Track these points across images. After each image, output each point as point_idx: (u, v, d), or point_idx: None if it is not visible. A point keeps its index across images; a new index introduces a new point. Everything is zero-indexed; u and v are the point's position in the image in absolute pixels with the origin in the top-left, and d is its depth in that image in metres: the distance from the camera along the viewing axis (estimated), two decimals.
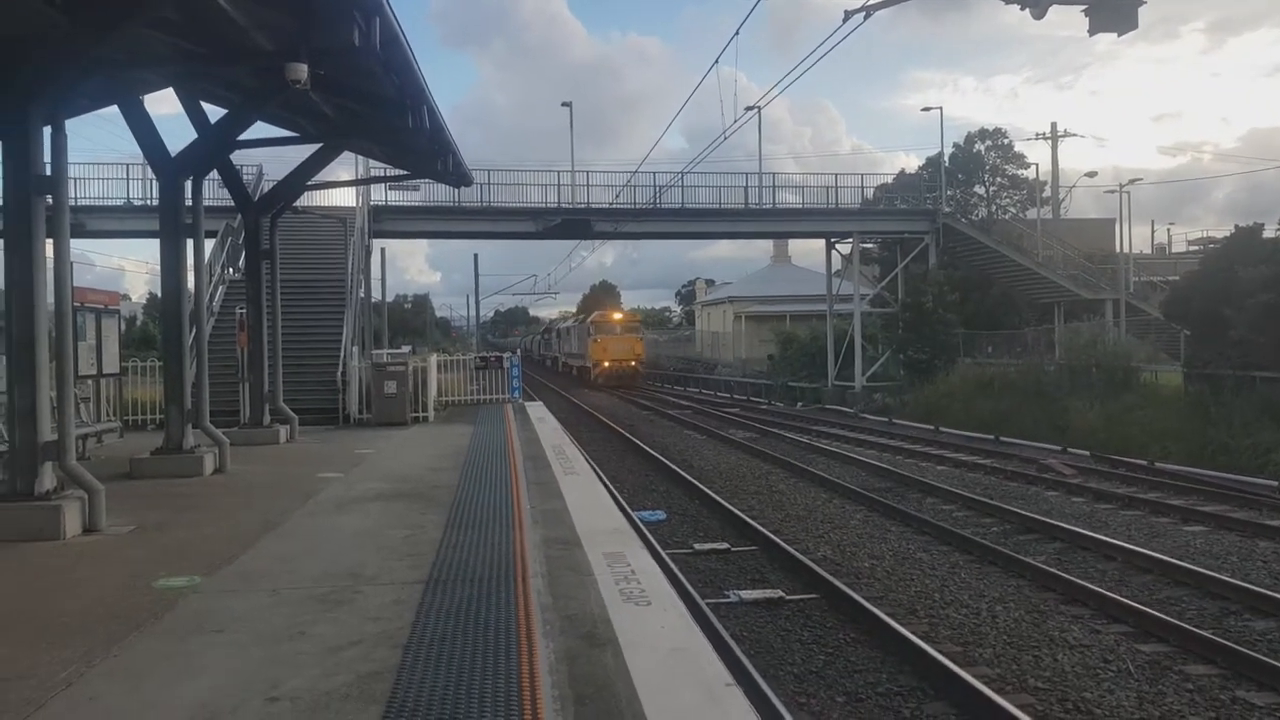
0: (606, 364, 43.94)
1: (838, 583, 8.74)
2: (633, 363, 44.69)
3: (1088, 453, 18.13)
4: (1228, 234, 24.45)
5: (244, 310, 13.73)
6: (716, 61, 18.74)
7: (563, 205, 30.65)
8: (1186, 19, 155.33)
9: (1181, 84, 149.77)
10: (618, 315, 48.96)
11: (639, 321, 51.64)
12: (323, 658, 4.04)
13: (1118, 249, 34.08)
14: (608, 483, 12.31)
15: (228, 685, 3.75)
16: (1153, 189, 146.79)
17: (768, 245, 66.01)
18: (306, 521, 7.26)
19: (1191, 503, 12.99)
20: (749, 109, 25.97)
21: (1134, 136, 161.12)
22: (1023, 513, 12.15)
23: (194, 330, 11.08)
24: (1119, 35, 10.52)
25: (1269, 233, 22.78)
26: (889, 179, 42.71)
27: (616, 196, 30.96)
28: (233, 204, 14.74)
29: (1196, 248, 47.67)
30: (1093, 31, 10.41)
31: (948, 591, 8.88)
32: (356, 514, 7.50)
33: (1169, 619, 7.63)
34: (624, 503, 11.70)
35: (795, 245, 65.01)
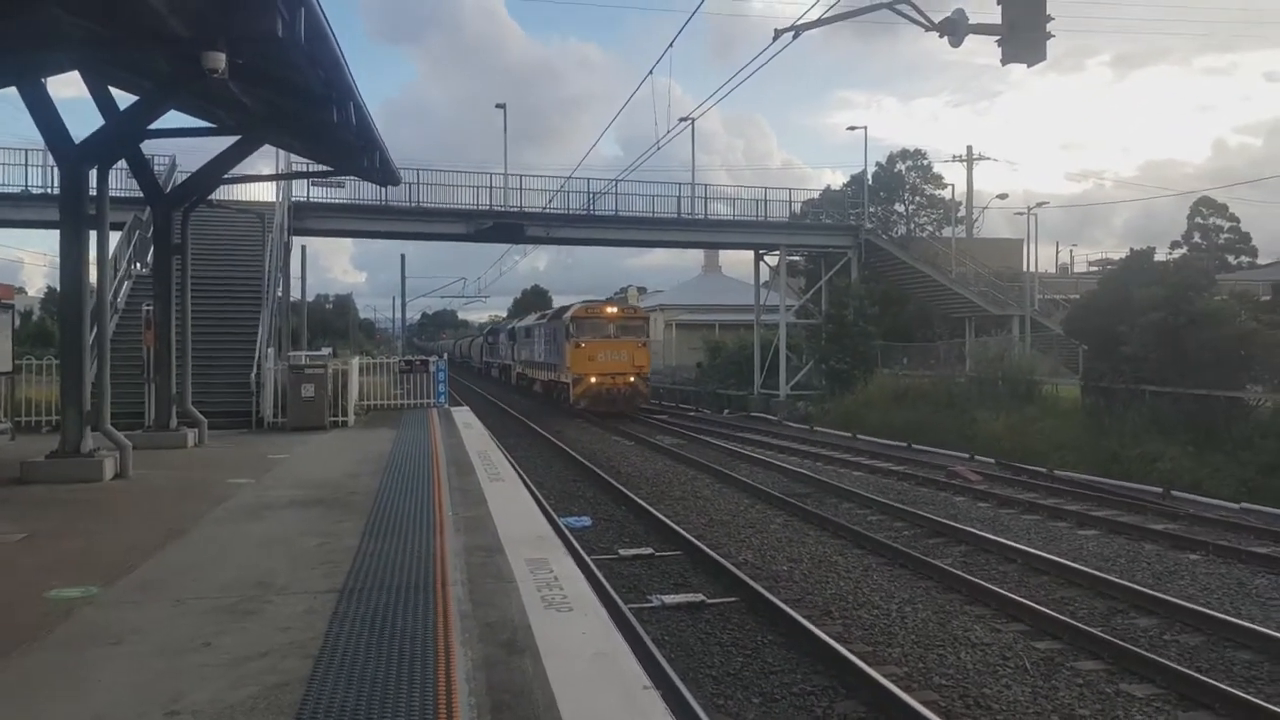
0: (594, 379, 29.74)
1: (757, 586, 8.89)
2: (631, 378, 30.29)
3: (993, 460, 18.84)
4: (1124, 256, 25.76)
5: (151, 307, 13.17)
6: (651, 72, 18.85)
7: (495, 208, 30.35)
8: (1093, 52, 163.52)
9: (1087, 114, 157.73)
10: (612, 309, 32.43)
11: (645, 318, 33.59)
12: (228, 669, 3.91)
13: (1025, 268, 35.58)
14: (533, 489, 12.23)
15: (125, 699, 3.59)
16: (1059, 212, 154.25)
17: (699, 255, 66.70)
18: (214, 529, 7.00)
19: (1086, 508, 13.63)
20: (683, 120, 26.24)
21: (1043, 162, 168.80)
22: (932, 517, 12.55)
23: (95, 327, 10.56)
24: (1029, 66, 11.04)
25: (1160, 256, 24.13)
26: (815, 194, 43.62)
27: (550, 201, 30.85)
28: (142, 195, 14.12)
29: (1096, 268, 50.14)
30: (1005, 61, 10.90)
31: (861, 593, 9.11)
32: (268, 521, 7.27)
33: (1062, 618, 8.00)
34: (549, 509, 11.64)
35: (725, 256, 65.78)
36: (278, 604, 4.90)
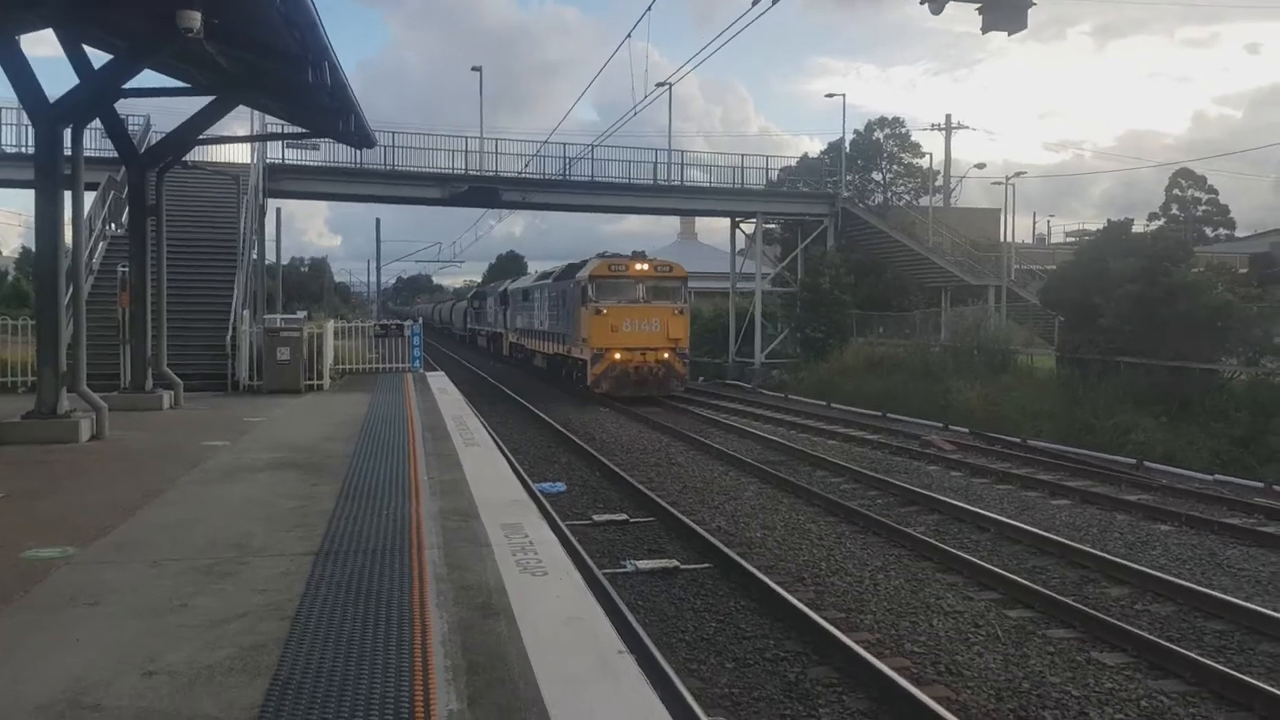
0: (618, 355, 24.17)
1: (730, 552, 9.02)
2: (665, 355, 24.52)
3: (967, 430, 19.11)
4: (1101, 228, 25.97)
5: (126, 268, 13.01)
6: (629, 36, 18.63)
7: (470, 172, 30.09)
8: (1074, 21, 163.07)
9: (1067, 83, 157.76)
10: (643, 265, 25.23)
11: (683, 278, 25.87)
12: (205, 630, 3.95)
13: (1002, 238, 35.78)
14: (509, 454, 12.29)
15: (102, 659, 3.62)
16: (1037, 182, 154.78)
17: (676, 222, 66.43)
18: (190, 491, 7.01)
19: (1059, 478, 13.89)
20: (660, 85, 26.03)
21: (1021, 131, 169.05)
22: (905, 486, 12.75)
23: (71, 288, 10.45)
24: (1009, 34, 11.01)
25: (1138, 227, 24.35)
26: (793, 162, 43.52)
27: (526, 166, 30.59)
28: (116, 156, 13.90)
29: (1073, 239, 50.49)
30: (985, 29, 10.86)
31: (834, 560, 9.27)
32: (244, 483, 7.28)
33: (1035, 586, 8.18)
34: (524, 474, 11.71)
35: (702, 223, 65.66)
36: (254, 566, 4.94)
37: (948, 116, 41.96)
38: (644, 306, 24.29)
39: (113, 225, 18.22)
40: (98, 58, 10.85)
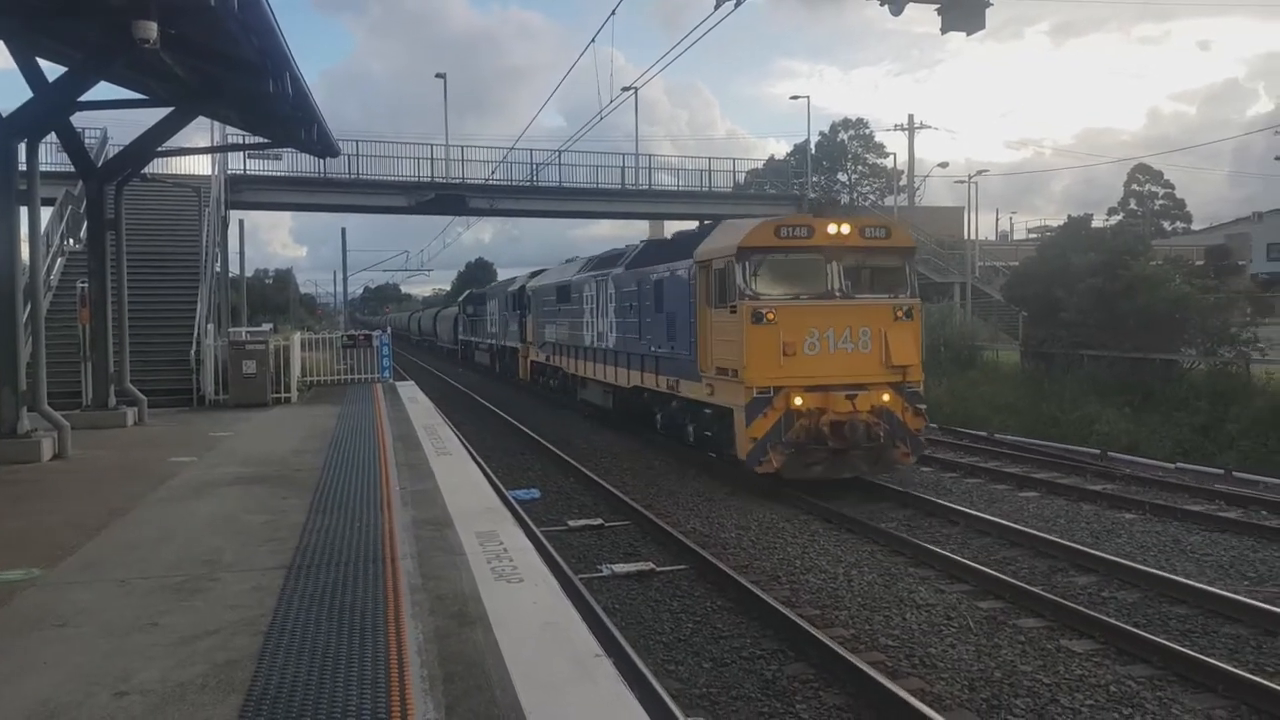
0: (800, 400, 11.91)
1: (705, 554, 9.06)
2: (885, 396, 12.20)
3: (935, 425, 19.35)
4: (1062, 223, 26.48)
5: (86, 284, 12.79)
6: (593, 41, 18.67)
7: (436, 180, 30.01)
8: (1032, 21, 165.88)
9: (1026, 82, 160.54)
10: (839, 227, 12.36)
11: (907, 249, 13.02)
12: (176, 648, 3.90)
13: (966, 236, 36.33)
14: (481, 462, 12.24)
15: (71, 680, 3.57)
16: (999, 180, 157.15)
17: (644, 225, 66.51)
18: (158, 508, 6.91)
19: (1026, 470, 14.11)
20: (626, 89, 26.09)
21: (983, 130, 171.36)
22: (875, 482, 12.86)
23: (29, 306, 10.24)
24: (968, 35, 11.20)
25: (1097, 222, 24.85)
26: (759, 164, 43.90)
27: (493, 172, 30.59)
28: (73, 170, 13.65)
29: (1035, 235, 51.31)
30: (945, 29, 11.03)
31: (808, 558, 9.34)
32: (213, 499, 7.19)
33: (1004, 577, 8.31)
34: (498, 482, 11.67)
35: (671, 227, 65.76)
36: (225, 582, 4.89)
37: (910, 117, 42.53)
38: (843, 306, 12.34)
39: (71, 240, 17.88)
40: (52, 70, 10.67)
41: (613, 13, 16.08)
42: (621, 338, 17.18)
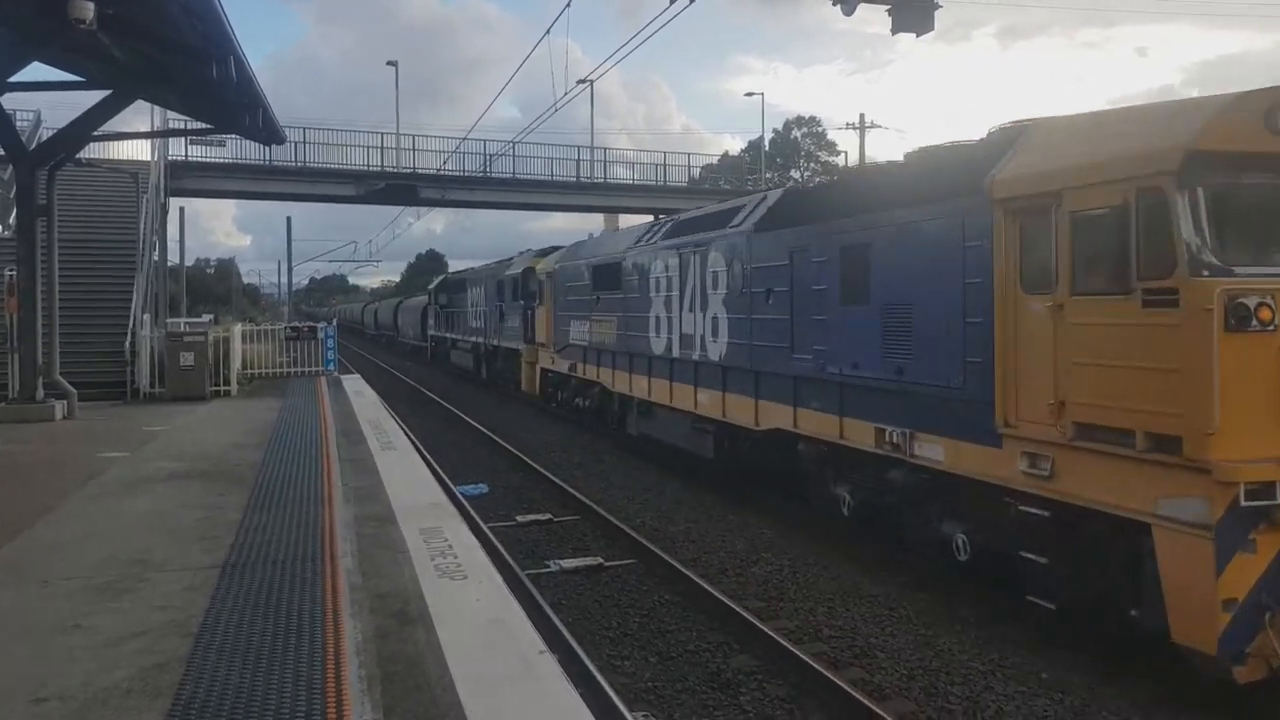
0: None
1: (654, 547, 9.06)
2: None
3: None
4: None
5: (14, 272, 12.29)
6: (548, 32, 18.44)
7: (387, 169, 29.53)
8: (980, 24, 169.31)
9: (973, 84, 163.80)
10: None
11: None
12: (101, 651, 3.76)
13: None
14: (428, 457, 12.08)
15: None
16: None
17: (599, 219, 66.46)
18: (85, 505, 6.67)
19: None
20: (581, 82, 25.95)
21: (931, 130, 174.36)
22: None
23: None
24: (918, 36, 11.35)
25: None
26: (714, 160, 44.07)
27: (445, 163, 30.20)
28: (2, 154, 13.10)
29: None
30: (895, 30, 11.16)
31: (755, 552, 9.39)
32: (145, 496, 6.96)
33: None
34: (445, 477, 11.53)
35: (626, 221, 65.73)
36: (155, 581, 4.73)
37: (861, 116, 43.11)
38: None
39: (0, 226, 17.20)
40: None
41: (569, 4, 15.91)
42: (743, 345, 10.64)
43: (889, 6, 11.18)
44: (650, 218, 34.51)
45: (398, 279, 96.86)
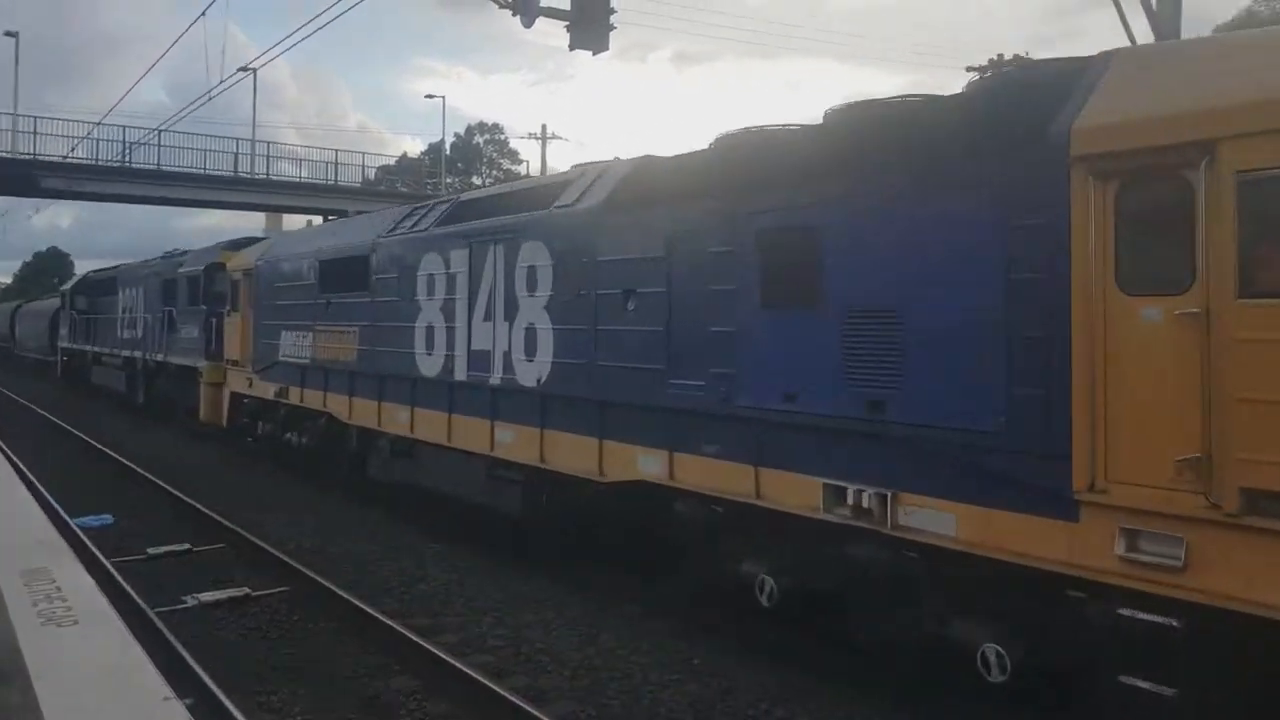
0: None
1: (309, 572, 8.61)
2: None
3: None
4: None
5: None
6: (204, 14, 16.67)
7: (1, 153, 24.98)
8: (656, 47, 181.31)
9: (651, 102, 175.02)
10: None
11: None
12: None
13: None
14: (36, 484, 10.43)
15: None
16: None
17: (261, 217, 61.23)
18: None
19: None
20: (243, 69, 23.87)
21: (611, 144, 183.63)
22: None
23: None
24: (594, 54, 11.99)
25: None
26: (392, 161, 42.80)
27: (74, 149, 26.19)
28: None
29: None
30: (572, 46, 11.72)
31: (421, 568, 9.28)
32: None
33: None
34: (60, 509, 10.02)
35: (293, 221, 61.22)
36: None
37: (544, 126, 44.55)
38: None
39: None
40: None
41: None
42: (579, 366, 8.03)
43: (567, 23, 11.72)
44: (321, 218, 32.61)
45: (9, 280, 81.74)
